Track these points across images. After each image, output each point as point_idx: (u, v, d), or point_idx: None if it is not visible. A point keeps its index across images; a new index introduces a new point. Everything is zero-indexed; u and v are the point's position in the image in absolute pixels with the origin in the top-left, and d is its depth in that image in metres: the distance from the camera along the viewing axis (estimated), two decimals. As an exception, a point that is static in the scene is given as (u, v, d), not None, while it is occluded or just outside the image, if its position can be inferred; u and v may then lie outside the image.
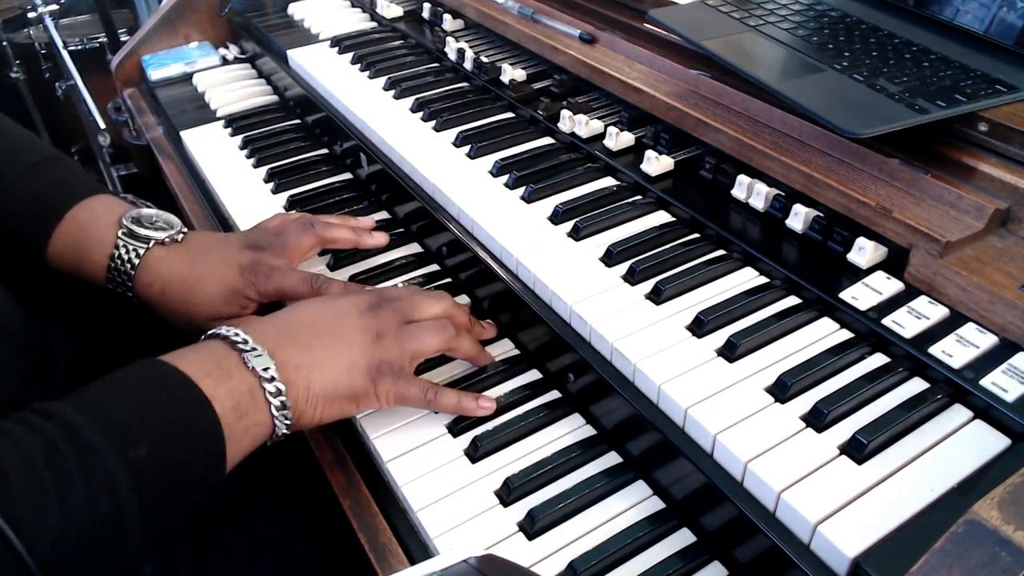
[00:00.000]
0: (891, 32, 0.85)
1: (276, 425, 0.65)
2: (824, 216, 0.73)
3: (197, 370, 0.62)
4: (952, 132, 0.73)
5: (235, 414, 0.62)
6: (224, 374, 0.63)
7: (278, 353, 0.66)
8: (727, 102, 0.86)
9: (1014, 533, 0.44)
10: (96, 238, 0.83)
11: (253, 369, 0.64)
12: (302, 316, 0.72)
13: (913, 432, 0.57)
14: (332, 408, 0.69)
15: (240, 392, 0.63)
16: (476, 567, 0.50)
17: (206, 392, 0.61)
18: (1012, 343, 0.61)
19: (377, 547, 0.66)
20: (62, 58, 2.27)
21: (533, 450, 0.70)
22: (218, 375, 0.62)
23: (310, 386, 0.67)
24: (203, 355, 0.64)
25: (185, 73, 1.45)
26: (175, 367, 0.61)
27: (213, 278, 0.83)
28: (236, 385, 0.63)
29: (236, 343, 0.65)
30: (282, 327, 0.70)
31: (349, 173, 1.13)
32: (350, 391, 0.69)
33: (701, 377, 0.63)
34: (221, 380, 0.62)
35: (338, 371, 0.68)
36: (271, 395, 0.64)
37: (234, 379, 0.63)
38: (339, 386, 0.68)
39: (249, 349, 0.65)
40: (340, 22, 1.35)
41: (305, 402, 0.67)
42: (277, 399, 0.64)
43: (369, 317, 0.71)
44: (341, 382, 0.68)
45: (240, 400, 0.62)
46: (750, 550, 0.58)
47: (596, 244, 0.78)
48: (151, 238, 0.83)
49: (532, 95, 1.03)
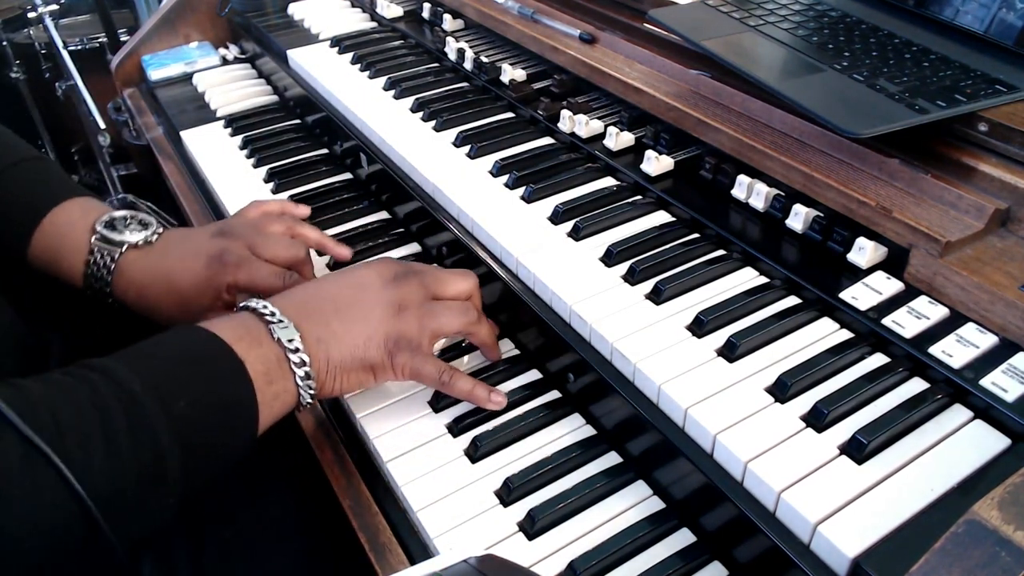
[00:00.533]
0: (891, 32, 0.85)
1: (301, 394, 0.67)
2: (824, 216, 0.73)
3: (231, 335, 0.64)
4: (952, 132, 0.73)
5: (265, 379, 0.64)
6: (255, 340, 0.65)
7: (301, 325, 0.67)
8: (727, 102, 0.86)
9: (1014, 533, 0.44)
10: (72, 244, 0.83)
11: (279, 340, 0.66)
12: (325, 289, 0.73)
13: (913, 432, 0.57)
14: (350, 379, 0.70)
15: (269, 359, 0.65)
16: (476, 567, 0.50)
17: (239, 354, 0.63)
18: (1012, 343, 0.61)
19: (377, 547, 0.66)
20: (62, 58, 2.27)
21: (533, 450, 0.70)
22: (249, 340, 0.64)
23: (329, 359, 0.68)
24: (235, 323, 0.66)
25: (185, 73, 1.45)
26: (210, 331, 0.64)
27: (182, 272, 0.82)
28: (266, 352, 0.65)
29: (264, 315, 0.67)
30: (304, 300, 0.71)
31: (349, 173, 1.13)
32: (367, 362, 0.70)
33: (701, 377, 0.63)
34: (252, 346, 0.64)
35: (355, 344, 0.69)
36: (296, 365, 0.66)
37: (264, 346, 0.65)
38: (356, 358, 0.69)
39: (276, 321, 0.67)
40: (340, 22, 1.36)
41: (325, 373, 0.68)
42: (302, 369, 0.66)
43: (393, 289, 0.72)
44: (358, 355, 0.69)
45: (270, 367, 0.65)
46: (750, 550, 0.58)
47: (596, 244, 0.78)
48: (124, 242, 0.83)
49: (532, 95, 1.03)
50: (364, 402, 0.76)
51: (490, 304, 0.85)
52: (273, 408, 0.65)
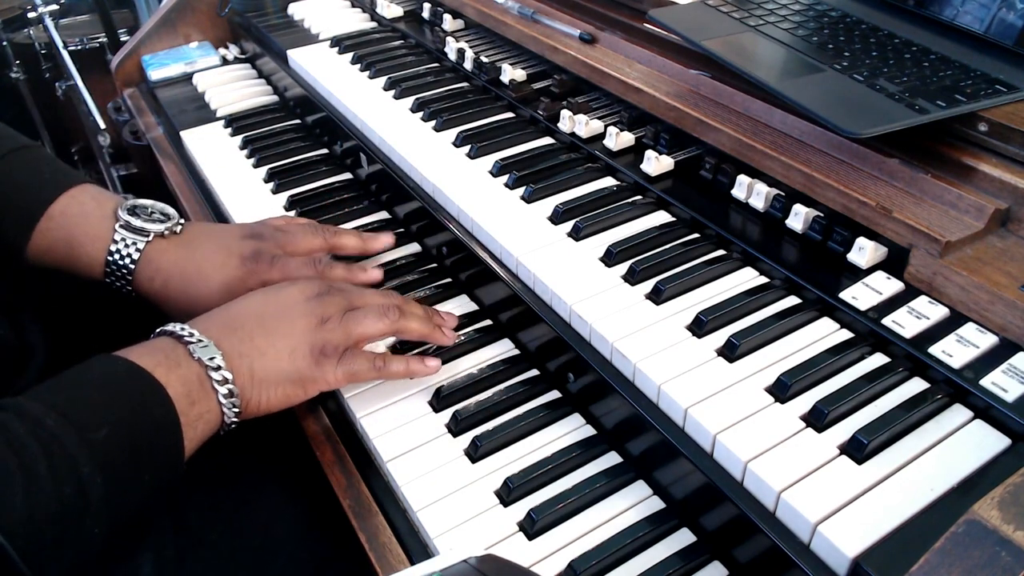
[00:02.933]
0: (891, 32, 0.85)
1: (225, 413, 0.67)
2: (824, 216, 0.73)
3: (149, 360, 0.64)
4: (952, 132, 0.73)
5: (187, 400, 0.64)
6: (174, 363, 0.64)
7: (222, 343, 0.67)
8: (727, 102, 0.86)
9: (1014, 533, 0.44)
10: (89, 232, 0.81)
11: (199, 359, 0.65)
12: (247, 306, 0.73)
13: (913, 432, 0.57)
14: (278, 393, 0.70)
15: (190, 380, 0.65)
16: (476, 567, 0.50)
17: (159, 379, 0.63)
18: (1012, 343, 0.61)
19: (377, 547, 0.66)
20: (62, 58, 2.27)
21: (533, 450, 0.70)
22: (168, 364, 0.64)
23: (252, 374, 0.68)
24: (152, 348, 0.66)
25: (185, 73, 1.45)
26: (127, 359, 0.63)
27: (214, 268, 0.81)
28: (185, 373, 0.65)
29: (182, 336, 0.67)
30: (226, 319, 0.71)
31: (349, 173, 1.13)
32: (294, 375, 0.70)
33: (701, 377, 0.63)
34: (171, 369, 0.64)
35: (279, 357, 0.69)
36: (218, 383, 0.66)
37: (183, 367, 0.65)
38: (281, 371, 0.69)
39: (195, 341, 0.67)
40: (340, 22, 1.36)
41: (250, 389, 0.68)
42: (224, 387, 0.66)
43: (315, 303, 0.73)
44: (283, 367, 0.69)
45: (191, 387, 0.64)
46: (750, 550, 0.58)
47: (596, 244, 0.78)
48: (150, 231, 0.82)
49: (532, 95, 1.03)
50: (364, 402, 0.76)
51: (490, 304, 0.85)
52: (197, 429, 0.65)
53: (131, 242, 0.81)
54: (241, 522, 0.79)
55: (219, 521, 0.78)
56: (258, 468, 0.85)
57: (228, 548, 0.77)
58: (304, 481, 0.81)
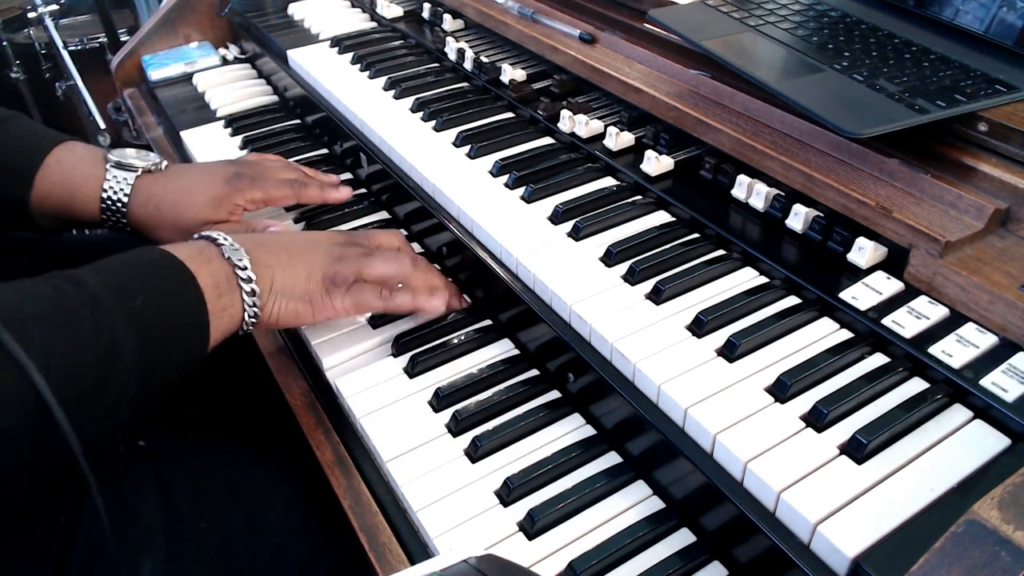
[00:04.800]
0: (891, 32, 0.85)
1: (246, 311, 0.73)
2: (824, 216, 0.73)
3: (184, 253, 0.71)
4: (952, 132, 0.73)
5: (215, 292, 0.70)
6: (205, 259, 0.71)
7: (251, 252, 0.74)
8: (727, 102, 0.86)
9: (1014, 533, 0.44)
10: (85, 173, 0.91)
11: (229, 259, 0.72)
12: (278, 236, 0.83)
13: (913, 432, 0.57)
14: (289, 307, 0.77)
15: (219, 275, 0.71)
16: (476, 567, 0.50)
17: (191, 268, 0.69)
18: (1012, 343, 0.61)
19: (377, 547, 0.66)
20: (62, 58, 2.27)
21: (533, 450, 0.70)
22: (200, 259, 0.71)
23: (272, 283, 0.75)
24: (188, 246, 0.73)
25: (185, 73, 1.45)
26: (164, 250, 0.71)
27: (201, 187, 0.93)
28: (215, 269, 0.71)
29: (217, 240, 0.74)
30: (258, 239, 0.79)
31: (349, 173, 1.12)
32: (305, 294, 0.77)
33: (701, 377, 0.63)
34: (203, 263, 0.71)
35: (296, 275, 0.77)
36: (243, 282, 0.73)
37: (214, 264, 0.72)
38: (296, 288, 0.77)
39: (228, 244, 0.74)
40: (340, 22, 1.36)
41: (268, 295, 0.75)
42: (248, 285, 0.73)
43: (337, 246, 0.81)
44: (299, 285, 0.77)
45: (219, 281, 0.71)
46: (750, 550, 0.58)
47: (596, 244, 0.78)
48: (138, 166, 0.92)
49: (532, 95, 1.03)
50: (365, 402, 0.76)
51: (490, 304, 0.85)
52: (222, 320, 0.71)
53: (122, 178, 0.91)
54: (233, 512, 0.79)
55: (210, 511, 0.78)
56: (251, 457, 0.86)
57: (220, 536, 0.77)
58: (297, 473, 0.82)
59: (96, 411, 0.60)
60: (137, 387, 0.63)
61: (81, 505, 0.73)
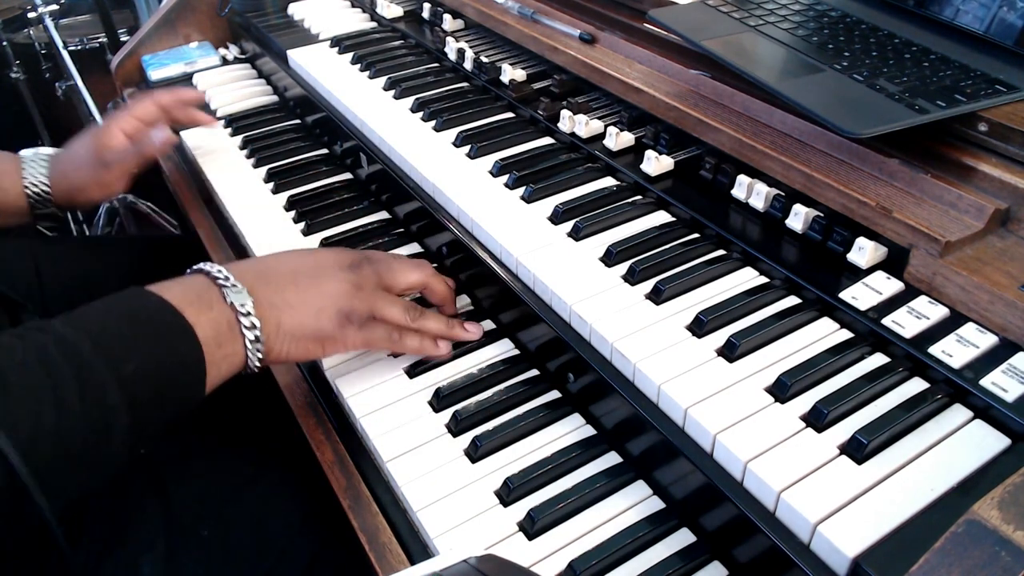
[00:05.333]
0: (891, 32, 0.85)
1: (249, 357, 0.69)
2: (824, 216, 0.73)
3: (181, 300, 0.66)
4: (952, 132, 0.73)
5: (215, 342, 0.66)
6: (206, 305, 0.67)
7: (255, 291, 0.70)
8: (727, 102, 0.86)
9: (1014, 533, 0.44)
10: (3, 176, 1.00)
11: (231, 304, 0.67)
12: (283, 262, 0.76)
13: (913, 432, 0.57)
14: (299, 347, 0.72)
15: (220, 323, 0.67)
16: (476, 567, 0.50)
17: (189, 319, 0.65)
18: (1012, 343, 0.61)
19: (377, 547, 0.66)
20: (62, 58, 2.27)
21: (533, 450, 0.70)
22: (199, 305, 0.66)
23: (280, 324, 0.71)
24: (186, 287, 0.68)
25: (185, 73, 1.45)
26: (161, 296, 0.65)
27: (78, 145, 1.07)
28: (217, 316, 0.67)
29: (218, 279, 0.69)
30: (262, 269, 0.74)
31: (349, 173, 1.13)
32: (317, 332, 0.73)
33: (701, 377, 0.63)
34: (203, 310, 0.66)
35: (306, 314, 0.72)
36: (246, 328, 0.68)
37: (215, 310, 0.67)
38: (306, 327, 0.72)
39: (230, 285, 0.69)
40: (340, 22, 1.36)
41: (275, 338, 0.71)
42: (252, 332, 0.68)
43: (349, 271, 0.75)
44: (308, 323, 0.72)
45: (220, 330, 0.66)
46: (750, 550, 0.58)
47: (596, 244, 0.78)
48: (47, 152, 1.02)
49: (532, 95, 1.03)
50: (365, 402, 0.76)
51: (490, 304, 0.85)
52: (221, 369, 0.67)
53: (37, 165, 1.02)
54: (234, 516, 0.79)
55: (211, 516, 0.78)
56: (251, 463, 0.85)
57: (221, 543, 0.77)
58: (298, 476, 0.82)
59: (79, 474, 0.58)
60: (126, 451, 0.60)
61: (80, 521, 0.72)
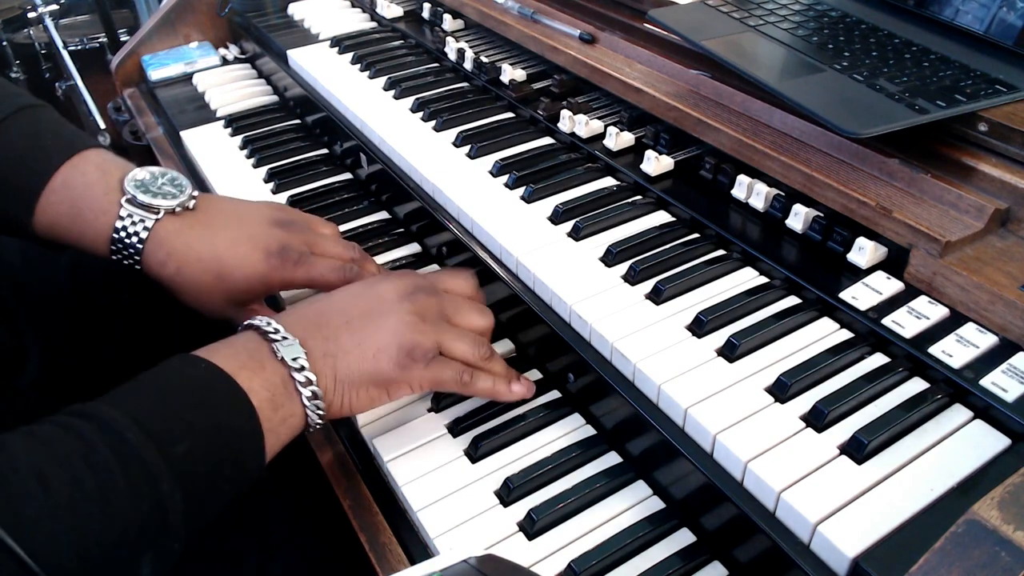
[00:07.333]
0: (891, 32, 0.85)
1: (309, 416, 0.64)
2: (824, 216, 0.73)
3: (232, 363, 0.60)
4: (952, 132, 0.73)
5: (271, 406, 0.61)
6: (258, 366, 0.61)
7: (308, 341, 0.64)
8: (727, 102, 0.86)
9: (1014, 533, 0.44)
10: (94, 207, 0.74)
11: (283, 359, 0.62)
12: (336, 302, 0.69)
13: (913, 432, 0.57)
14: (361, 395, 0.66)
15: (274, 383, 0.61)
16: (476, 567, 0.50)
17: (242, 385, 0.59)
18: (1012, 343, 0.61)
19: (377, 547, 0.66)
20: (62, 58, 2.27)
21: (533, 450, 0.70)
22: (252, 367, 0.61)
23: (336, 374, 0.65)
24: (237, 347, 0.63)
25: (185, 73, 1.45)
26: (210, 361, 0.60)
27: (239, 260, 0.76)
28: (270, 376, 0.61)
29: (267, 332, 0.64)
30: (312, 315, 0.67)
31: (349, 173, 1.13)
32: (377, 376, 0.66)
33: (701, 377, 0.63)
34: (256, 372, 0.61)
35: (364, 357, 0.66)
36: (301, 385, 0.62)
37: (267, 370, 0.61)
38: (365, 372, 0.65)
39: (280, 339, 0.63)
40: (340, 22, 1.36)
41: (333, 391, 0.65)
42: (308, 388, 0.63)
43: (408, 302, 0.69)
44: (366, 368, 0.65)
45: (275, 392, 0.61)
46: (750, 550, 0.58)
47: (596, 244, 0.78)
48: (159, 207, 0.75)
49: (532, 95, 1.03)
50: (364, 402, 0.76)
51: (490, 305, 0.85)
52: (280, 434, 0.62)
53: (139, 219, 0.74)
54: (237, 523, 0.79)
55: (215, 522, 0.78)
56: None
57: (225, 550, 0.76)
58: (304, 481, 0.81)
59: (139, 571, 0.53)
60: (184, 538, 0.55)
61: None
